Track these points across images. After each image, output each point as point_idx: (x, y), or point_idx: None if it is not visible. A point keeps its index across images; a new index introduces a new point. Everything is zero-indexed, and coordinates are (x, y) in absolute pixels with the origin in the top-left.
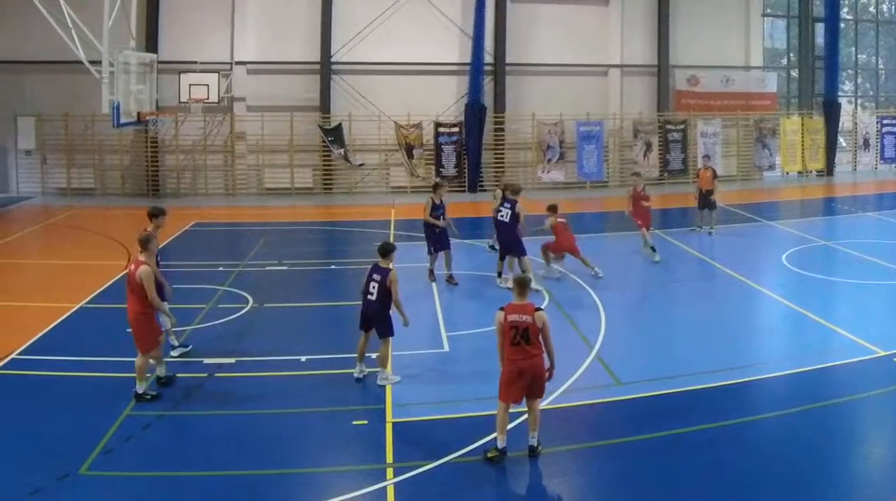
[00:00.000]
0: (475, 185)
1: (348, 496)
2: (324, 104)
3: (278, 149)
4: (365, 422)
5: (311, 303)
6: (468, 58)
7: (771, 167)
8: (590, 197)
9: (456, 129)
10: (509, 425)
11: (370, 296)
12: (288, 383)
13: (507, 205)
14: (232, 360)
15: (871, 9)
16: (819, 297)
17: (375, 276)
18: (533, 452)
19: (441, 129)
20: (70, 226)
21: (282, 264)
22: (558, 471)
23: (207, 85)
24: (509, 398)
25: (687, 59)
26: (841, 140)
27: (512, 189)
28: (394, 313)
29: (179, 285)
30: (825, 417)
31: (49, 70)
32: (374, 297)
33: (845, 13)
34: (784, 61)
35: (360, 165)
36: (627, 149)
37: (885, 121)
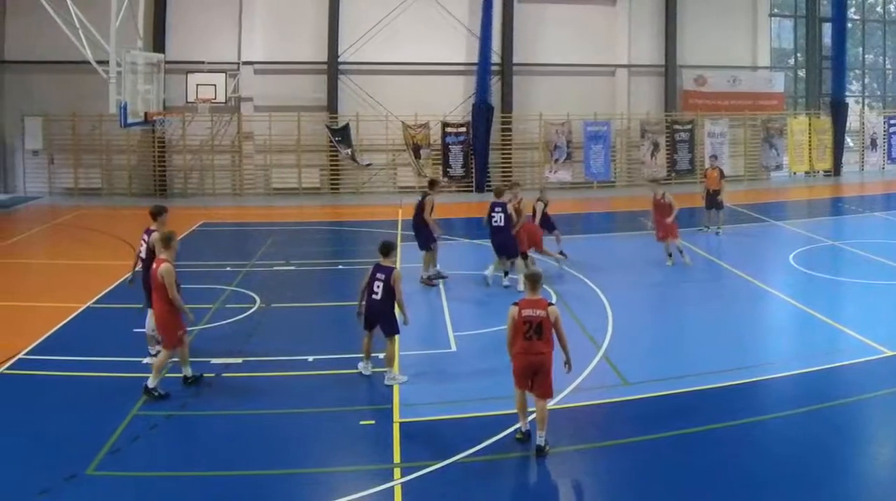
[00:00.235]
0: (482, 185)
1: (356, 496)
2: (331, 104)
3: (286, 149)
4: (372, 422)
5: (319, 303)
6: (475, 58)
7: (778, 167)
8: (597, 197)
9: (463, 129)
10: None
11: (375, 296)
12: (295, 383)
13: (499, 209)
14: (239, 360)
15: (879, 9)
16: (826, 297)
17: (379, 275)
18: (540, 452)
19: (448, 129)
20: (77, 226)
21: (289, 264)
22: (566, 471)
23: (215, 85)
24: (523, 386)
25: (694, 59)
26: (848, 140)
27: (497, 192)
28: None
29: (187, 285)
30: (833, 417)
31: (56, 70)
32: (379, 296)
33: (852, 13)
34: (791, 61)
35: (368, 165)
36: (635, 149)
37: (893, 121)
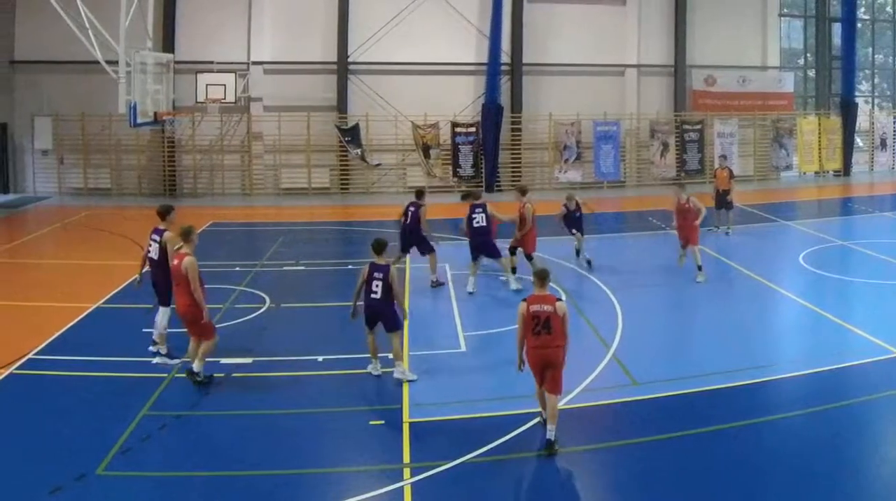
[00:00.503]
0: (492, 186)
1: (365, 496)
2: (341, 104)
3: (295, 149)
4: (381, 422)
5: (328, 303)
6: (485, 58)
7: (788, 167)
8: (607, 197)
9: (473, 129)
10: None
11: (374, 295)
12: (305, 383)
13: (479, 211)
14: (249, 360)
15: (889, 9)
16: (836, 297)
17: (377, 274)
18: (549, 446)
19: (458, 129)
20: (86, 227)
21: (299, 264)
22: (575, 471)
23: (224, 85)
24: (539, 380)
25: (704, 59)
26: (858, 140)
27: (474, 195)
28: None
29: None
30: (843, 417)
31: (66, 70)
32: (379, 295)
33: (862, 13)
34: (801, 61)
35: (378, 165)
36: (644, 149)
37: None
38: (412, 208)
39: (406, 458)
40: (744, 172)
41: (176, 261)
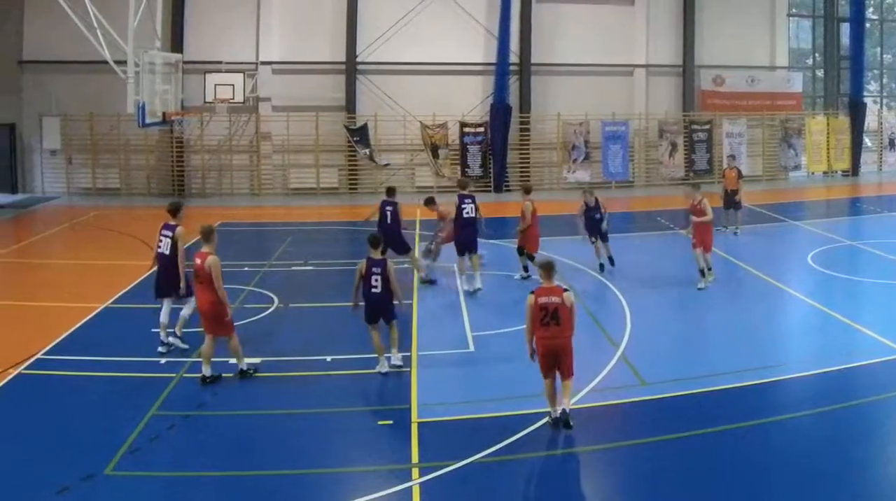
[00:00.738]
0: (500, 186)
1: (373, 496)
2: (349, 104)
3: (304, 149)
4: (390, 422)
5: (337, 303)
6: (493, 58)
7: (796, 167)
8: (615, 197)
9: (481, 129)
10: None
11: (375, 289)
12: (313, 383)
13: (469, 201)
14: (257, 360)
15: None
16: (845, 297)
17: (375, 269)
18: (566, 424)
19: (466, 129)
20: (95, 226)
21: (307, 264)
22: (584, 471)
23: (233, 85)
24: (548, 374)
25: (712, 59)
26: (866, 140)
27: (462, 184)
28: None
29: None
30: (851, 417)
31: (74, 70)
32: (379, 289)
33: (871, 13)
34: (809, 61)
35: (386, 165)
36: (653, 149)
37: None
38: (388, 207)
39: (414, 458)
40: (752, 172)
41: (199, 261)
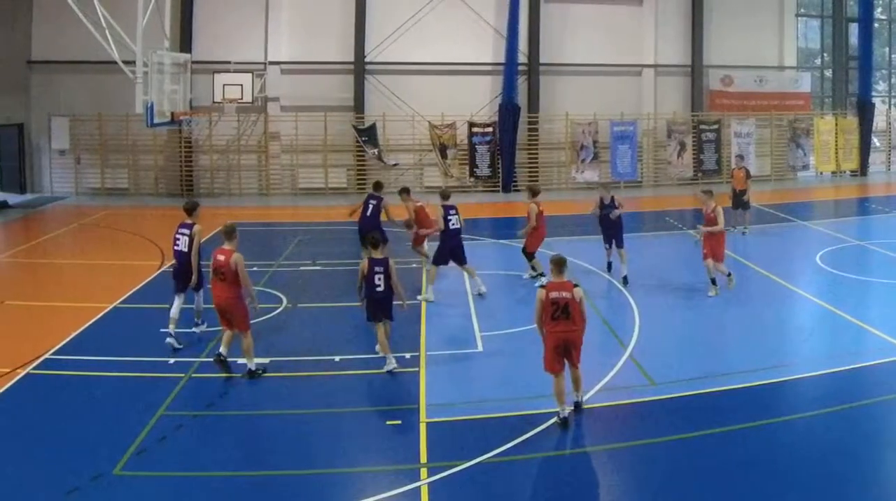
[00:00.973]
0: (509, 186)
1: (382, 496)
2: (358, 104)
3: (312, 149)
4: (398, 422)
5: (345, 303)
6: (502, 58)
7: (805, 167)
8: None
9: (490, 129)
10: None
11: (378, 288)
12: (321, 383)
13: (454, 212)
14: (266, 360)
15: None
16: (853, 297)
17: (378, 268)
18: (577, 407)
19: (475, 129)
20: (104, 227)
21: (315, 264)
22: (592, 471)
23: (241, 85)
24: (555, 368)
25: (721, 59)
26: (875, 140)
27: (444, 195)
28: None
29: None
30: (860, 417)
31: (83, 70)
32: (383, 288)
33: (879, 13)
34: (818, 61)
35: (395, 165)
36: (661, 149)
37: None
38: (373, 201)
39: (423, 458)
40: (761, 172)
41: (222, 258)
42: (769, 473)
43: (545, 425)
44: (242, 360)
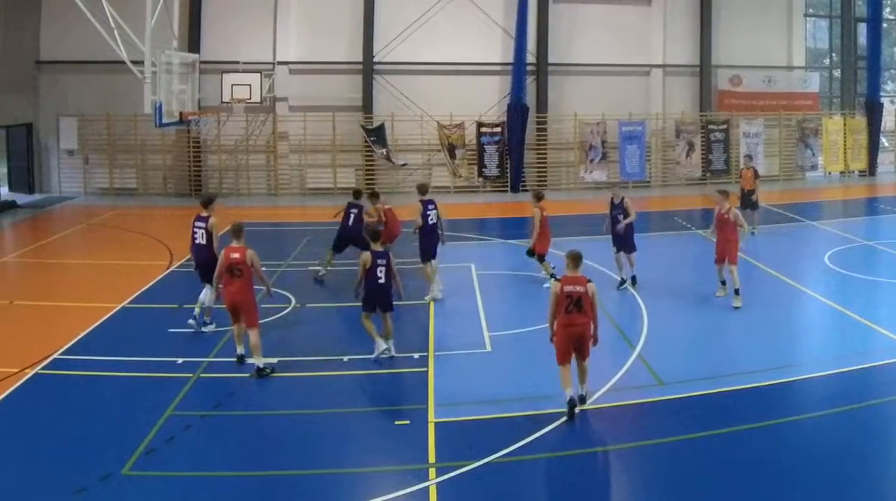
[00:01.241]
0: (517, 186)
1: (390, 496)
2: (366, 104)
3: (321, 149)
4: (407, 422)
5: (354, 303)
6: (510, 58)
7: (813, 167)
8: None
9: (498, 129)
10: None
11: (380, 280)
12: (330, 383)
13: (432, 207)
14: (274, 360)
15: None
16: (862, 297)
17: (380, 261)
18: (582, 400)
19: (483, 129)
20: (112, 227)
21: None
22: (601, 471)
23: (250, 85)
24: (565, 360)
25: (729, 59)
26: (883, 140)
27: (422, 189)
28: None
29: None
30: (868, 417)
31: (91, 70)
32: (384, 280)
33: (888, 13)
34: (826, 61)
35: (403, 165)
36: (670, 149)
37: None
38: (353, 210)
39: (431, 458)
40: (769, 172)
41: (237, 255)
42: (777, 473)
43: (554, 425)
44: (253, 360)
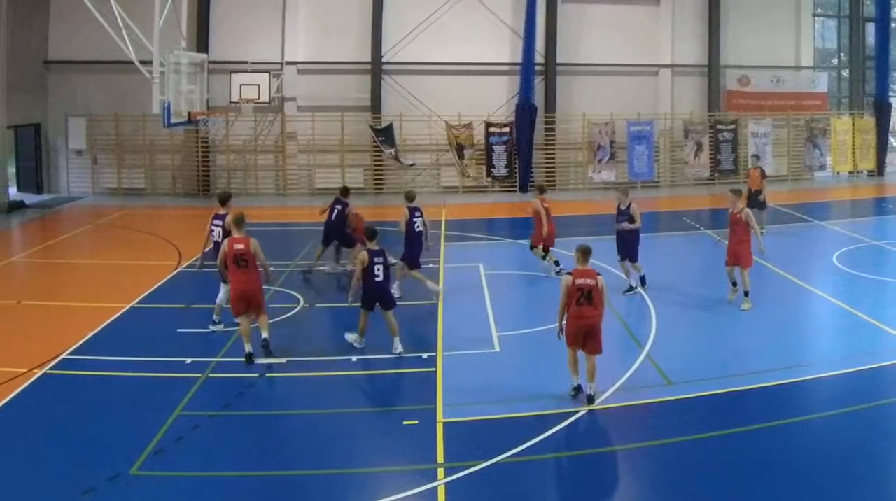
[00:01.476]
0: (526, 186)
1: (399, 496)
2: (374, 104)
3: (329, 149)
4: (415, 422)
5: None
6: (519, 58)
7: (822, 167)
8: (640, 197)
9: (507, 129)
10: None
11: (377, 278)
12: (338, 383)
13: (419, 214)
14: (283, 360)
15: None
16: (870, 297)
17: (378, 259)
18: (590, 400)
19: (492, 129)
20: (121, 227)
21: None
22: (609, 471)
23: (258, 85)
24: (574, 345)
25: (737, 59)
26: (892, 140)
27: (409, 196)
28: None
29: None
30: (877, 418)
31: (100, 70)
32: (381, 278)
33: None
34: (835, 61)
35: (412, 165)
36: (678, 149)
37: None
38: (338, 206)
39: (440, 458)
40: (777, 172)
41: (242, 246)
42: (786, 473)
43: (562, 425)
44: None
